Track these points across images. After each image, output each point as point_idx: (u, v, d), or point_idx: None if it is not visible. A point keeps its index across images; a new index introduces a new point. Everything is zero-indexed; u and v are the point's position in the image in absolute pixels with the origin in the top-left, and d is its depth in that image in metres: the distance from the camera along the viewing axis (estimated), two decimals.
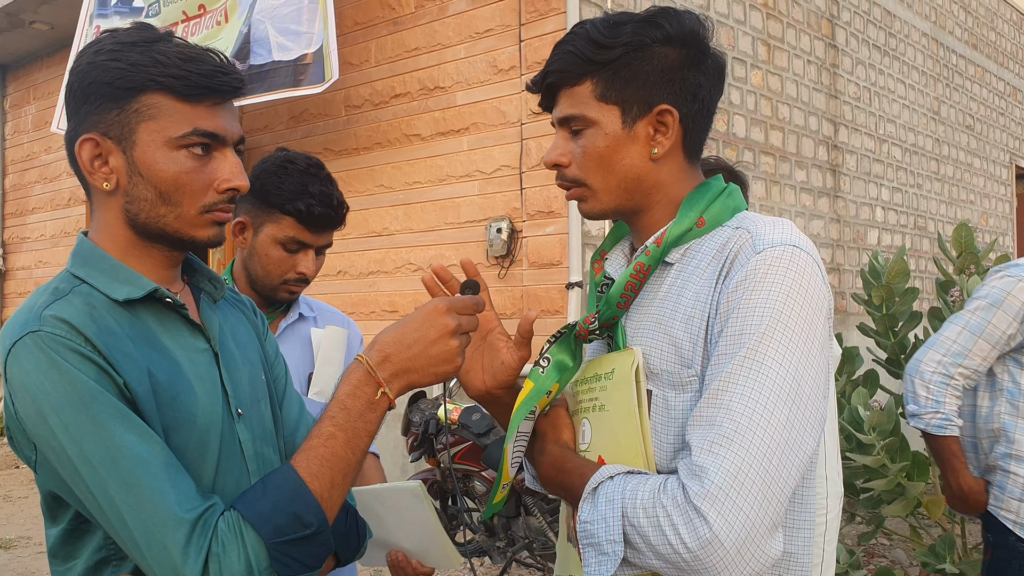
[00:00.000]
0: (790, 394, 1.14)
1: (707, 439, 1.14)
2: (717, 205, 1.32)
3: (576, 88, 1.33)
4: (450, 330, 1.25)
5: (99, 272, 1.23)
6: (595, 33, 1.30)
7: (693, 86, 1.31)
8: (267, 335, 1.53)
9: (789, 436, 1.13)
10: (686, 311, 1.26)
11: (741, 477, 1.10)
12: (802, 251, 1.21)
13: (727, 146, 6.71)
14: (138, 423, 1.12)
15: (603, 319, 1.36)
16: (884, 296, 4.10)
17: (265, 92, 6.33)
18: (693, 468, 1.13)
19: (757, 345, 1.15)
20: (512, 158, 5.86)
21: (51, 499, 1.21)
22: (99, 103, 1.22)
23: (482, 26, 6.04)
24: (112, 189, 1.24)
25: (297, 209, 2.03)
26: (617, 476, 1.21)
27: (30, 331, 1.12)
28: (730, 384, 1.15)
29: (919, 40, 9.73)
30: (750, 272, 1.19)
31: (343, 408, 1.20)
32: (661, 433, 1.26)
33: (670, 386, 1.26)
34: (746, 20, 7.00)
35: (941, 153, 10.08)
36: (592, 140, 1.32)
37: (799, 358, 1.16)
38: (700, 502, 1.10)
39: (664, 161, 1.33)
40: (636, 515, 1.14)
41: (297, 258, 2.09)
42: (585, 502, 1.21)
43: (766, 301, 1.17)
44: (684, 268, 1.30)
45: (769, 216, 1.31)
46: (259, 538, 1.11)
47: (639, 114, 1.31)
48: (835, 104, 8.12)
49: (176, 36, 1.27)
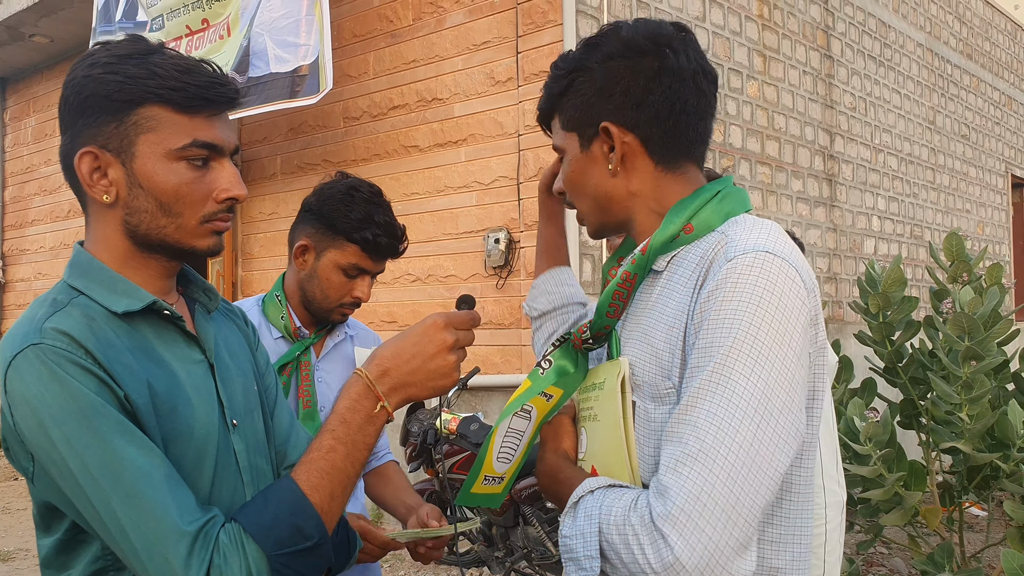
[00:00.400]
0: (758, 410, 1.11)
1: (673, 457, 1.12)
2: (707, 210, 1.29)
3: (553, 121, 1.41)
4: (448, 345, 1.26)
5: (97, 284, 1.24)
6: (554, 67, 1.36)
7: (637, 94, 1.28)
8: (258, 345, 1.54)
9: (756, 454, 1.10)
10: (668, 321, 1.24)
11: (704, 498, 1.08)
12: (775, 256, 1.16)
13: (724, 156, 6.74)
14: (139, 435, 1.13)
15: (594, 329, 1.36)
16: (881, 305, 4.11)
17: (263, 104, 6.37)
18: (659, 487, 1.12)
19: (725, 359, 1.12)
20: (510, 169, 5.89)
21: (45, 509, 1.21)
22: (97, 116, 1.22)
23: (479, 38, 6.07)
24: (112, 201, 1.24)
25: (364, 238, 2.09)
26: (598, 490, 1.21)
27: (31, 343, 1.13)
28: (697, 400, 1.12)
29: (914, 50, 9.78)
30: (721, 281, 1.16)
31: (343, 421, 1.21)
32: (644, 445, 1.25)
33: (651, 398, 1.24)
34: (742, 31, 7.03)
35: (937, 163, 10.12)
36: (566, 168, 1.38)
37: (769, 371, 1.12)
38: (662, 523, 1.08)
39: (628, 174, 1.32)
40: (610, 532, 1.14)
41: (355, 283, 2.14)
42: (567, 515, 1.21)
43: (735, 312, 1.13)
44: (671, 277, 1.28)
45: (758, 219, 1.27)
46: (260, 550, 1.12)
47: (592, 135, 1.32)
48: (831, 114, 8.16)
49: (168, 48, 1.28)
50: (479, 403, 5.92)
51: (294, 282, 2.18)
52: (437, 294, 6.29)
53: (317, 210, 2.13)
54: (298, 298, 2.18)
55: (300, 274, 2.16)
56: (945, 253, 4.17)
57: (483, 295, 5.99)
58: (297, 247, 2.15)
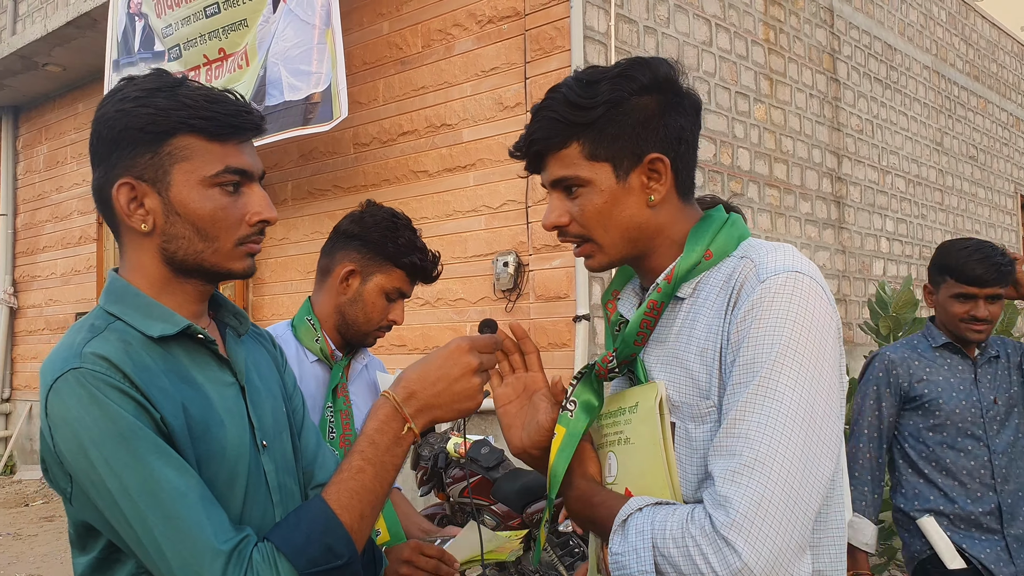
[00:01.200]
0: (805, 418, 1.17)
1: (729, 468, 1.17)
2: (722, 236, 1.35)
3: (563, 151, 1.35)
4: (472, 368, 1.30)
5: (133, 309, 1.28)
6: (573, 96, 1.33)
7: (676, 129, 1.34)
8: (286, 368, 1.57)
9: (808, 459, 1.16)
10: (699, 344, 1.29)
11: (765, 504, 1.13)
12: (804, 276, 1.24)
13: (732, 179, 6.77)
14: (175, 457, 1.17)
15: (621, 357, 1.39)
16: (891, 326, 4.12)
17: (277, 132, 6.44)
18: (718, 498, 1.16)
19: (770, 373, 1.18)
20: (518, 193, 5.92)
21: (82, 529, 1.24)
22: (131, 148, 1.26)
23: (488, 64, 6.13)
24: (149, 230, 1.28)
25: (411, 263, 2.18)
26: (646, 508, 1.24)
27: (71, 368, 1.16)
28: (746, 413, 1.18)
29: (920, 72, 9.82)
30: (756, 301, 1.22)
31: (372, 443, 1.25)
32: (685, 464, 1.29)
33: (690, 418, 1.29)
34: (748, 55, 7.09)
35: (945, 184, 10.13)
36: (589, 198, 1.35)
37: (811, 381, 1.19)
38: (727, 532, 1.12)
39: (661, 205, 1.36)
40: (666, 545, 1.17)
41: (393, 307, 2.21)
42: (616, 534, 1.24)
43: (774, 329, 1.20)
44: (695, 302, 1.33)
45: (772, 243, 1.34)
46: (293, 569, 1.15)
47: (631, 166, 1.34)
48: (838, 136, 8.19)
49: (191, 80, 1.32)
50: (489, 427, 5.92)
51: (329, 306, 2.21)
52: (446, 318, 6.32)
53: (362, 236, 2.18)
54: (333, 322, 2.21)
55: (341, 298, 2.19)
56: None
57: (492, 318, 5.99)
58: (343, 272, 2.18)
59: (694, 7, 6.60)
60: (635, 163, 1.34)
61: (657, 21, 6.24)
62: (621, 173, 1.34)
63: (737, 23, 7.01)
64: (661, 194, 1.35)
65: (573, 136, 1.34)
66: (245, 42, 6.82)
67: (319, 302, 2.24)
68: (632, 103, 1.33)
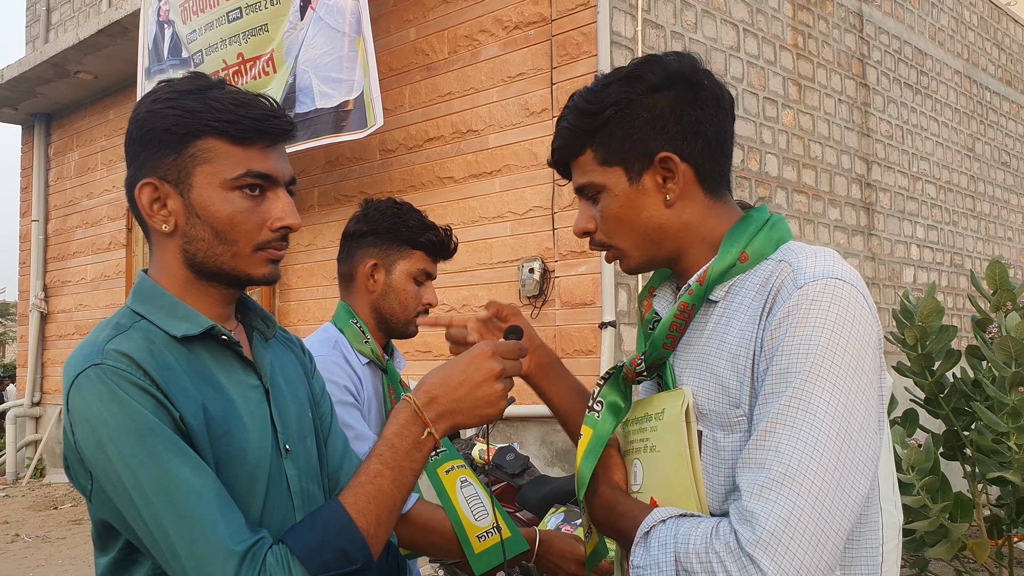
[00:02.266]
0: (840, 433, 1.12)
1: (757, 483, 1.12)
2: (760, 238, 1.30)
3: (580, 159, 1.35)
4: (495, 373, 1.28)
5: (158, 309, 1.28)
6: (582, 103, 1.32)
7: (690, 124, 1.30)
8: (315, 373, 1.56)
9: (841, 476, 1.11)
10: (731, 349, 1.24)
11: (793, 522, 1.08)
12: (845, 283, 1.19)
13: (760, 185, 6.71)
14: (192, 456, 1.16)
15: (650, 360, 1.35)
16: (918, 336, 4.05)
17: (309, 139, 6.47)
18: (744, 513, 1.12)
19: (804, 384, 1.13)
20: (544, 199, 5.91)
21: (103, 528, 1.24)
22: (157, 149, 1.27)
23: (514, 70, 6.13)
24: (171, 231, 1.29)
25: (429, 241, 2.19)
26: (669, 520, 1.21)
27: (93, 364, 1.17)
28: (778, 425, 1.13)
29: (951, 77, 9.71)
30: (792, 308, 1.17)
31: (390, 447, 1.24)
32: (712, 475, 1.25)
33: (719, 427, 1.24)
34: (776, 60, 7.03)
35: (977, 190, 10.00)
36: (606, 204, 1.34)
37: (847, 395, 1.13)
38: (752, 549, 1.08)
39: (682, 204, 1.32)
40: (689, 560, 1.13)
41: (423, 290, 2.22)
42: (638, 546, 1.21)
43: (811, 337, 1.15)
44: (728, 305, 1.28)
45: (813, 247, 1.29)
46: (306, 572, 1.14)
47: (642, 168, 1.31)
48: (867, 142, 8.11)
49: (229, 84, 1.32)
50: (515, 433, 5.90)
51: (365, 306, 2.21)
52: None
53: (373, 231, 2.19)
54: (373, 322, 2.20)
55: (372, 296, 2.19)
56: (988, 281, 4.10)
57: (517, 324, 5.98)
58: (367, 268, 2.18)
59: (722, 12, 6.56)
60: (647, 164, 1.31)
61: (684, 26, 6.21)
62: (633, 175, 1.31)
63: (765, 28, 6.96)
64: (676, 193, 1.31)
65: (586, 143, 1.34)
66: (270, 48, 6.85)
67: (357, 306, 2.22)
68: (642, 103, 1.30)
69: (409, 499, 2.39)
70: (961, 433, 4.16)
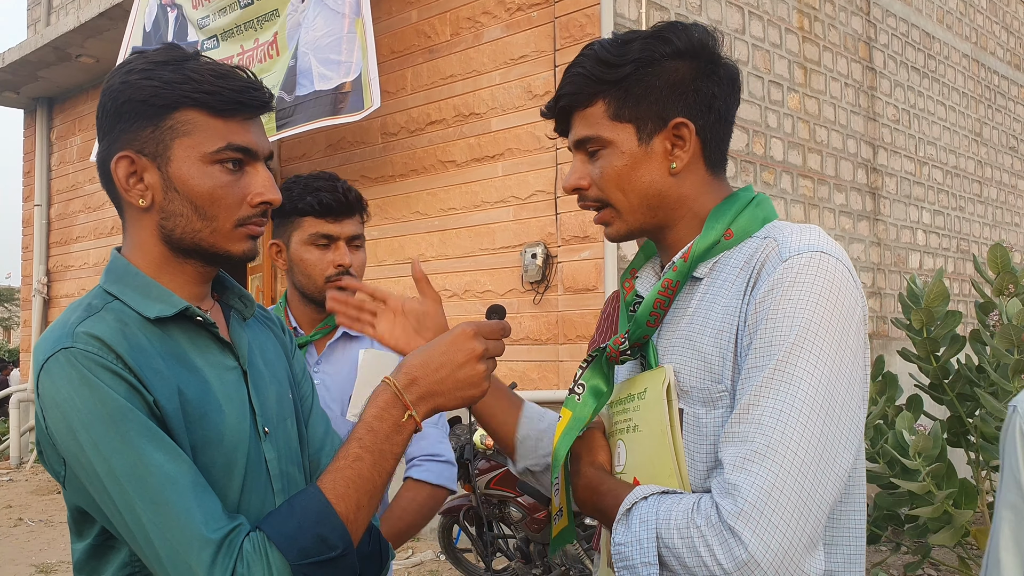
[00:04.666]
0: (823, 406, 1.11)
1: (739, 455, 1.11)
2: (745, 216, 1.29)
3: (589, 109, 1.31)
4: (477, 354, 1.25)
5: (131, 289, 1.24)
6: (603, 53, 1.29)
7: (707, 97, 1.29)
8: (295, 353, 1.53)
9: (824, 450, 1.10)
10: (715, 325, 1.23)
11: (775, 494, 1.07)
12: (830, 256, 1.18)
13: (764, 169, 6.66)
14: (167, 442, 1.12)
15: (633, 339, 1.33)
16: (924, 320, 4.01)
17: (307, 121, 6.42)
18: (726, 486, 1.10)
19: (787, 356, 1.12)
20: (547, 183, 5.87)
21: (78, 514, 1.22)
22: (133, 121, 1.23)
23: (517, 52, 6.08)
24: (147, 206, 1.25)
25: (309, 205, 2.16)
26: (651, 496, 1.19)
27: (63, 347, 1.13)
28: (760, 398, 1.12)
29: (959, 61, 9.62)
30: (777, 281, 1.16)
31: (370, 430, 1.20)
32: (694, 451, 1.23)
33: (700, 403, 1.23)
34: (782, 43, 6.97)
35: (984, 175, 9.93)
36: (609, 160, 1.30)
37: (831, 368, 1.12)
38: (734, 521, 1.07)
39: (685, 175, 1.31)
40: (670, 536, 1.12)
41: (329, 253, 2.19)
42: (619, 523, 1.19)
43: (795, 310, 1.13)
44: (713, 282, 1.27)
45: (798, 224, 1.28)
46: (284, 560, 1.10)
47: (654, 130, 1.29)
48: (874, 127, 8.04)
49: (203, 55, 1.28)
50: None
51: (290, 285, 2.28)
52: (474, 309, 6.28)
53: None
54: (297, 298, 2.26)
55: (288, 275, 2.26)
56: (989, 265, 4.06)
57: (520, 310, 5.96)
58: (272, 251, 2.25)
59: None
60: (659, 127, 1.28)
61: (689, 8, 6.14)
62: (644, 136, 1.29)
63: (771, 11, 6.89)
64: (683, 162, 1.29)
65: (599, 94, 1.30)
66: (275, 30, 6.82)
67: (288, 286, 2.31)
68: (664, 65, 1.28)
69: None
70: (965, 419, 4.13)
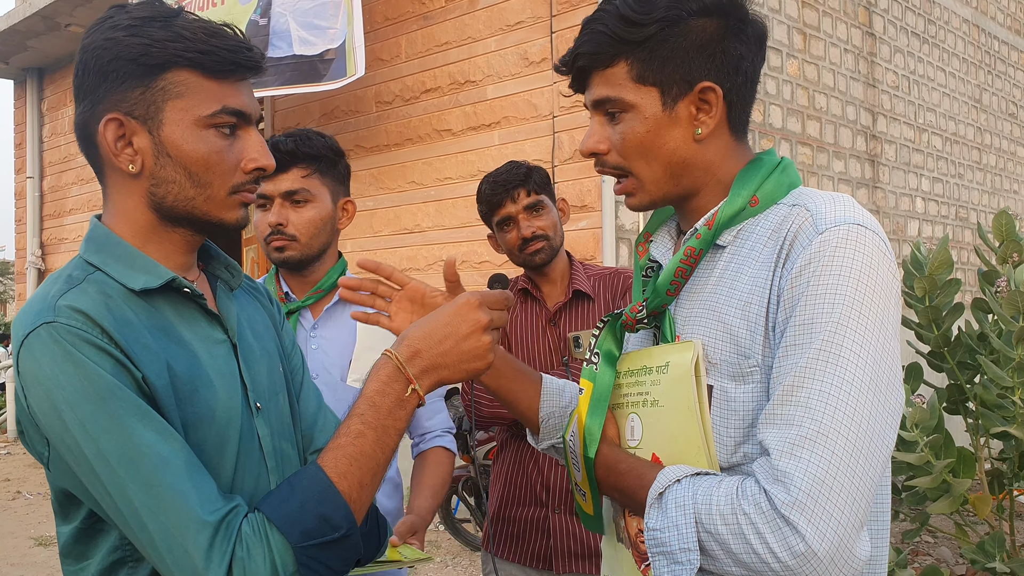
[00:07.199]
0: (871, 387, 1.07)
1: (787, 440, 1.07)
2: (771, 182, 1.24)
3: (610, 70, 1.24)
4: (482, 325, 1.20)
5: (114, 260, 1.18)
6: (626, 10, 1.21)
7: (735, 58, 1.22)
8: (283, 325, 1.48)
9: (873, 432, 1.06)
10: (742, 297, 1.18)
11: (829, 482, 1.04)
12: (867, 229, 1.13)
13: (763, 136, 6.60)
14: (158, 420, 1.07)
15: (651, 307, 1.28)
16: (927, 288, 3.98)
17: (284, 85, 6.28)
18: (775, 472, 1.06)
19: (832, 336, 1.07)
20: (544, 152, 5.80)
21: (63, 496, 1.16)
22: (121, 81, 1.16)
23: (513, 18, 5.99)
24: (137, 171, 1.19)
25: None
26: (684, 479, 1.15)
27: (44, 322, 1.07)
28: (806, 379, 1.08)
29: (959, 27, 9.52)
30: (814, 255, 1.11)
31: (372, 405, 1.15)
32: (720, 427, 1.19)
33: (729, 377, 1.18)
34: (781, 9, 6.87)
35: (983, 142, 9.86)
36: (631, 125, 1.24)
37: (876, 347, 1.08)
38: (789, 512, 1.04)
39: (710, 141, 1.25)
40: (713, 523, 1.08)
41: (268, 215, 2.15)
42: (652, 508, 1.15)
43: (836, 287, 1.09)
44: (738, 251, 1.22)
45: (827, 192, 1.23)
46: (286, 541, 1.05)
47: (680, 94, 1.22)
48: (873, 93, 7.96)
49: (188, 12, 1.22)
50: None
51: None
52: (471, 280, 6.24)
53: None
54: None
55: None
56: (994, 233, 4.03)
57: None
58: None
59: None
60: (685, 91, 1.22)
61: None
62: (669, 100, 1.22)
63: None
64: (709, 127, 1.23)
65: (621, 54, 1.23)
66: None
67: None
68: (690, 24, 1.21)
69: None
70: (965, 387, 4.12)
